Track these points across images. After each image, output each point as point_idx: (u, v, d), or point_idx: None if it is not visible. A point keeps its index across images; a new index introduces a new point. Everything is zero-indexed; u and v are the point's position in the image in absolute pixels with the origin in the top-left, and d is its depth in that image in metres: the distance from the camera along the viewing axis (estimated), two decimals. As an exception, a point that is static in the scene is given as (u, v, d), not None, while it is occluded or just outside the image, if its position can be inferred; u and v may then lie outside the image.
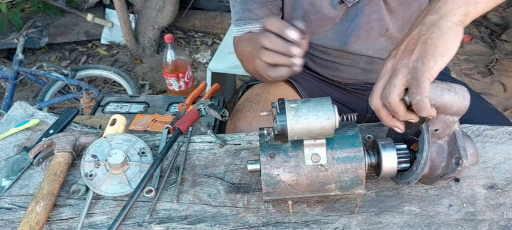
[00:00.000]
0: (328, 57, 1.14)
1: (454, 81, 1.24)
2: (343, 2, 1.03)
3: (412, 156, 0.74)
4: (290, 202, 0.72)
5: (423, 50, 0.63)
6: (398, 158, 0.72)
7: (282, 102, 0.67)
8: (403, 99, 0.64)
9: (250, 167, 0.73)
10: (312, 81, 1.21)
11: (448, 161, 0.70)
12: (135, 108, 1.33)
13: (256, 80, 1.23)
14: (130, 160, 0.85)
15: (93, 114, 1.34)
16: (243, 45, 1.07)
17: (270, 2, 1.07)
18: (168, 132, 0.93)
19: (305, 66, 1.23)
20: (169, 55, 1.79)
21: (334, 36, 1.08)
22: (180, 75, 1.79)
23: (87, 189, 0.82)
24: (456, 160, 0.68)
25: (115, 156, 0.82)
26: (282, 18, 1.11)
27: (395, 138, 0.77)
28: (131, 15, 3.02)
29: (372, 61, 1.12)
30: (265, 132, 0.70)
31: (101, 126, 1.02)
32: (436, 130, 0.68)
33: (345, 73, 1.16)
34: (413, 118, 0.66)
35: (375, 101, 0.67)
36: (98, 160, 0.84)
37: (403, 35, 1.07)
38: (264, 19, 1.03)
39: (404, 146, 0.74)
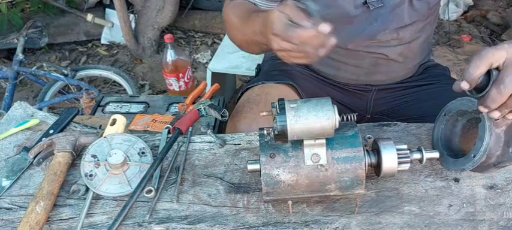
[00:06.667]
0: (332, 56, 1.14)
1: (454, 81, 1.25)
2: (366, 3, 1.01)
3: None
4: (290, 202, 0.72)
5: None
6: (399, 158, 0.72)
7: (281, 102, 0.67)
8: None
9: (250, 167, 0.73)
10: (312, 82, 1.21)
11: (505, 150, 0.71)
12: (135, 108, 1.33)
13: (255, 81, 1.22)
14: (130, 160, 0.85)
15: (93, 114, 1.34)
16: (236, 13, 1.01)
17: None
18: (168, 132, 0.93)
19: (305, 66, 1.22)
20: (169, 55, 1.79)
21: (347, 35, 1.07)
22: (180, 75, 1.79)
23: (87, 189, 0.82)
24: None
25: (115, 156, 0.82)
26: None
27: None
28: (131, 15, 3.02)
29: (376, 63, 1.12)
30: (265, 132, 0.70)
31: (101, 126, 1.02)
32: (496, 119, 0.69)
33: (347, 73, 1.16)
34: None
35: (508, 92, 0.64)
36: (98, 160, 0.84)
37: (413, 39, 1.08)
38: None
39: (405, 146, 0.74)
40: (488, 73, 0.67)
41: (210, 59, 2.65)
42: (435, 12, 1.12)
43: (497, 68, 0.66)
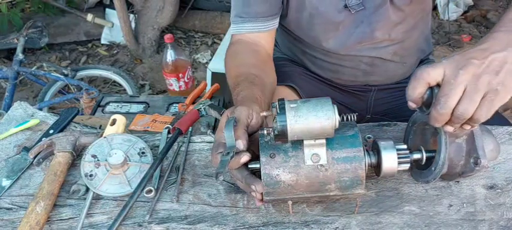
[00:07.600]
0: (329, 59, 1.14)
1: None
2: (347, 7, 1.01)
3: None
4: (290, 202, 0.72)
5: (508, 80, 0.62)
6: (399, 158, 0.72)
7: (281, 102, 0.67)
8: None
9: (250, 167, 0.73)
10: (311, 83, 1.21)
11: (467, 160, 0.71)
12: (135, 108, 1.33)
13: None
14: (130, 160, 0.85)
15: (93, 114, 1.34)
16: (232, 73, 0.99)
17: None
18: (168, 132, 0.93)
19: (305, 68, 1.22)
20: (169, 55, 1.79)
21: (337, 41, 1.07)
22: (180, 75, 1.79)
23: (87, 189, 0.82)
24: (474, 160, 0.70)
25: (115, 156, 0.82)
26: (287, 18, 1.08)
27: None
28: (131, 15, 3.02)
29: (373, 64, 1.12)
30: (265, 132, 0.70)
31: (101, 126, 1.02)
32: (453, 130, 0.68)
33: (345, 75, 1.16)
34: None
35: (447, 112, 0.63)
36: (98, 160, 0.84)
37: (406, 38, 1.08)
38: (263, 17, 1.02)
39: (405, 146, 0.74)
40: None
41: (210, 59, 2.65)
42: (426, 9, 1.11)
43: (438, 85, 0.64)
